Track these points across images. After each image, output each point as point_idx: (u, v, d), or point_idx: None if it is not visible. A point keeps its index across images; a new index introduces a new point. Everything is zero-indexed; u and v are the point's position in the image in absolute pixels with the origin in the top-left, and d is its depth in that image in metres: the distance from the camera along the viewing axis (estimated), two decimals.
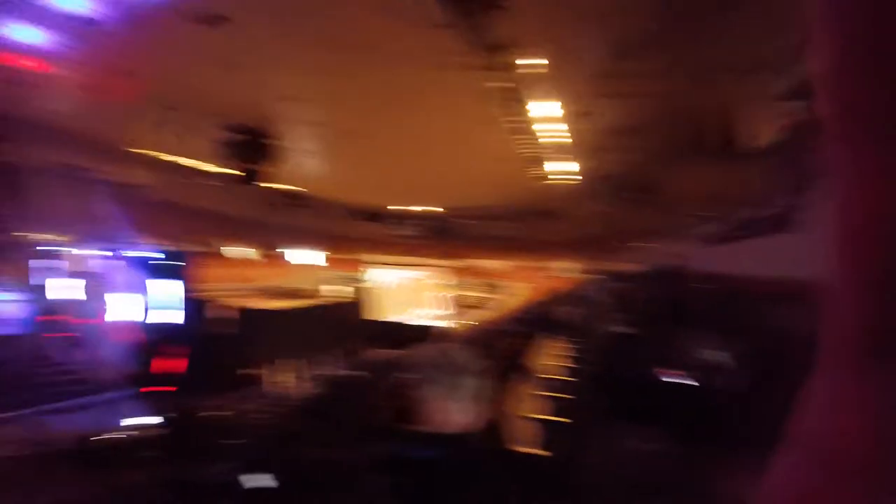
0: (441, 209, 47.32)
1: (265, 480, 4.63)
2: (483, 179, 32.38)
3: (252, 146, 28.08)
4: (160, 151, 37.13)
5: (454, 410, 2.64)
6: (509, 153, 27.02)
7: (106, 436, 12.57)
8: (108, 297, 22.75)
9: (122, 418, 15.11)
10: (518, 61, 18.61)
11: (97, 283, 24.16)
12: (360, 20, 17.00)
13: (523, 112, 22.14)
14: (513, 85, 19.98)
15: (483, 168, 29.63)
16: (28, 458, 12.61)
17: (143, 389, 18.91)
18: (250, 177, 29.32)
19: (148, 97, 24.62)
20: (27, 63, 21.10)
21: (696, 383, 5.56)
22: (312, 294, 31.96)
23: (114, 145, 34.76)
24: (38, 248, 30.20)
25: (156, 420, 14.38)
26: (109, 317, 22.29)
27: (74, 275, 26.79)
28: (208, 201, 42.74)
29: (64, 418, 15.86)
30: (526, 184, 32.71)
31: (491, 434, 2.71)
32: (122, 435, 12.79)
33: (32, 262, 29.19)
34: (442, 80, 20.01)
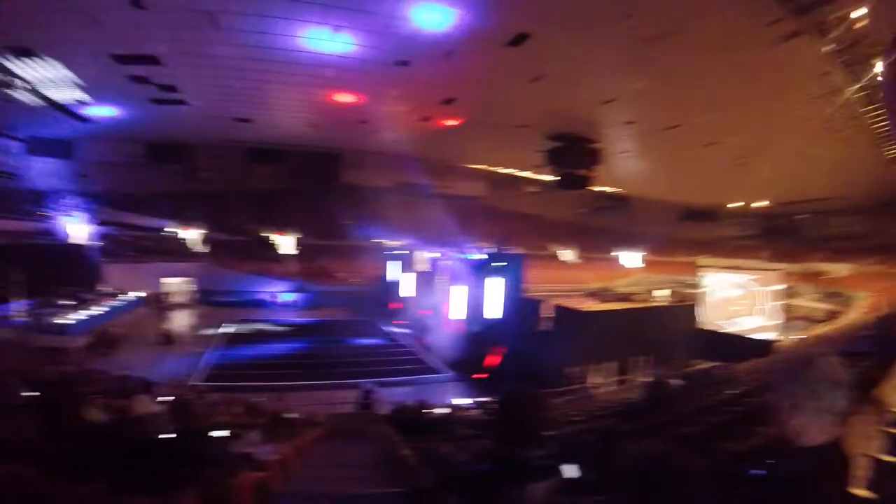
0: (777, 205, 41.44)
1: (578, 472, 3.94)
2: (825, 167, 26.54)
3: (573, 152, 27.86)
4: (488, 165, 39.63)
5: (816, 423, 2.19)
6: (854, 131, 21.39)
7: (429, 410, 13.07)
8: (443, 292, 24.47)
9: (445, 397, 15.81)
10: (841, 15, 14.85)
11: (435, 281, 26.24)
12: (660, 11, 15.22)
13: (861, 75, 17.48)
14: (836, 46, 16.00)
15: (824, 153, 24.39)
16: (359, 418, 13.77)
17: (469, 375, 19.98)
18: (574, 182, 29.21)
19: (471, 118, 26.32)
20: (369, 103, 24.24)
21: None
22: (637, 298, 30.42)
23: (447, 163, 38.16)
24: (388, 251, 34.77)
25: (475, 402, 14.74)
26: (443, 310, 23.92)
27: (417, 273, 29.76)
28: (534, 207, 44.32)
29: (397, 391, 17.16)
30: (877, 169, 26.12)
31: (832, 460, 2.24)
32: (443, 411, 13.18)
33: (386, 263, 33.66)
34: (763, 56, 16.84)
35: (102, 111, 24.67)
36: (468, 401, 15.05)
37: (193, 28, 16.19)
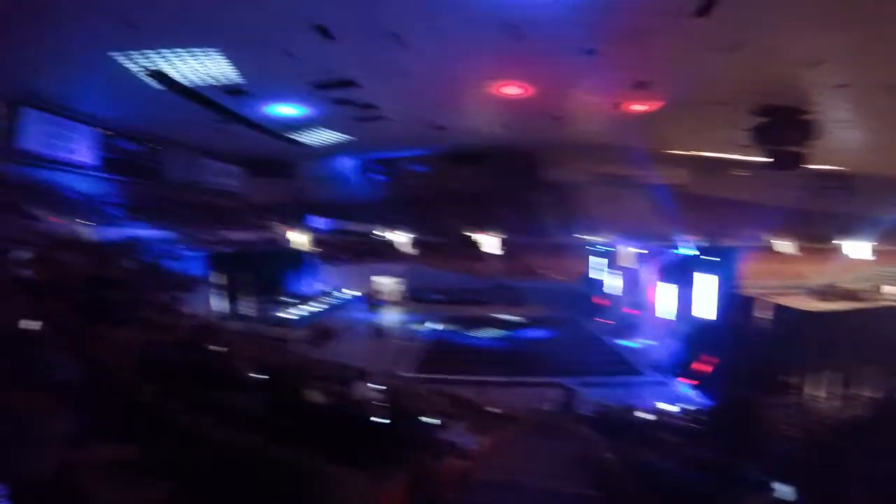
0: None
1: (796, 492, 3.78)
2: None
3: (782, 126, 24.80)
4: (692, 150, 37.17)
5: None
6: None
7: (633, 414, 12.66)
8: (649, 290, 23.66)
9: (650, 401, 15.19)
10: None
11: (640, 277, 25.40)
12: None
13: None
14: None
15: None
16: (559, 416, 13.71)
17: (676, 379, 19.04)
18: (788, 161, 26.18)
19: (667, 100, 24.79)
20: (560, 97, 23.98)
21: None
22: (866, 295, 26.37)
23: (646, 151, 36.47)
24: (592, 247, 34.26)
25: (683, 409, 13.99)
26: (650, 308, 23.10)
27: (622, 270, 29.01)
28: (745, 193, 40.47)
29: (599, 391, 16.79)
30: None
31: None
32: (648, 416, 12.68)
33: (589, 259, 33.22)
34: None
35: (314, 133, 27.70)
36: (675, 407, 14.29)
37: (382, 49, 17.34)
